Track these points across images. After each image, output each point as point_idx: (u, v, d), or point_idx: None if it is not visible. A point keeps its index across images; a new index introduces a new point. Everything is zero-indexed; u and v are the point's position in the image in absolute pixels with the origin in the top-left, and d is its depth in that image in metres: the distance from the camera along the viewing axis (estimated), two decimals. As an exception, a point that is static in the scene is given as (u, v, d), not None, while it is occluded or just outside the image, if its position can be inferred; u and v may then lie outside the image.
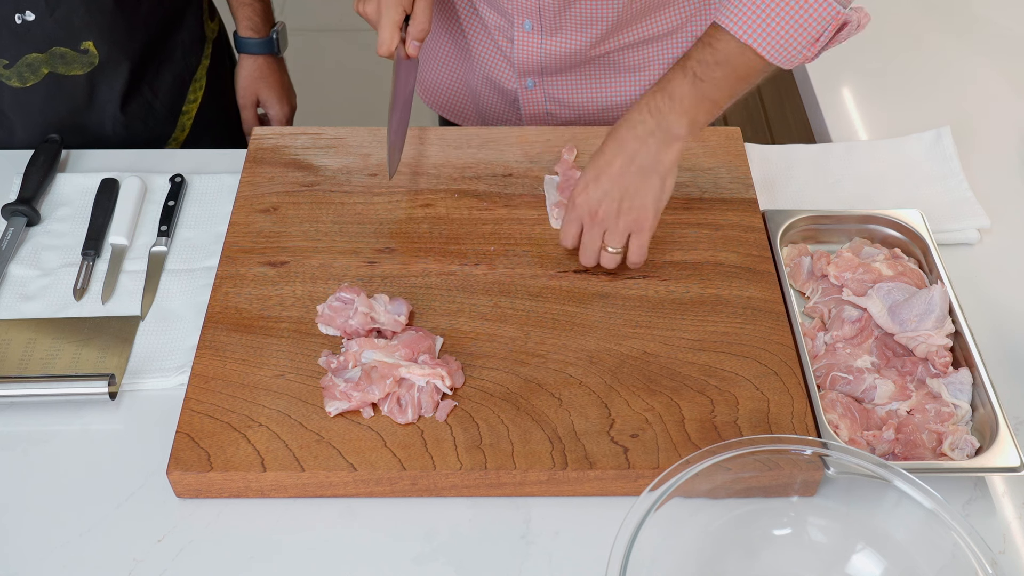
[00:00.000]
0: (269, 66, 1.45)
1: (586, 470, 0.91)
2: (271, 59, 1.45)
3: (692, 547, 0.88)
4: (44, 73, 1.25)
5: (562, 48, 1.24)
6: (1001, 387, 0.98)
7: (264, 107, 1.48)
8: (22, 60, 1.23)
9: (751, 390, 0.98)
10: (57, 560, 0.89)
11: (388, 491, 0.93)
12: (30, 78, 1.24)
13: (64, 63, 1.25)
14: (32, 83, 1.25)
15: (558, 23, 1.21)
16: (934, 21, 1.52)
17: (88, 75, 1.28)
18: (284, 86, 1.49)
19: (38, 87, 1.26)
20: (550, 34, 1.23)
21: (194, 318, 1.07)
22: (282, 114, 1.48)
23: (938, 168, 1.25)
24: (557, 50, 1.24)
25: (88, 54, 1.24)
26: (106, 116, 1.33)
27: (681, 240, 1.12)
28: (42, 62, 1.23)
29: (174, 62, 1.38)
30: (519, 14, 1.21)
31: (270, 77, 1.45)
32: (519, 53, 1.25)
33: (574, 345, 1.02)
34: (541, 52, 1.25)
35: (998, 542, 0.91)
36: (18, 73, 1.23)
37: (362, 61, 2.96)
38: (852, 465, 0.87)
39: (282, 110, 1.48)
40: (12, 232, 1.15)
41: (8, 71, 1.23)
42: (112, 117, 1.33)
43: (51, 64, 1.24)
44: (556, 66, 1.27)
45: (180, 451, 0.92)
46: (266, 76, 1.45)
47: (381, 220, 1.14)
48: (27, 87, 1.26)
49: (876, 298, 1.04)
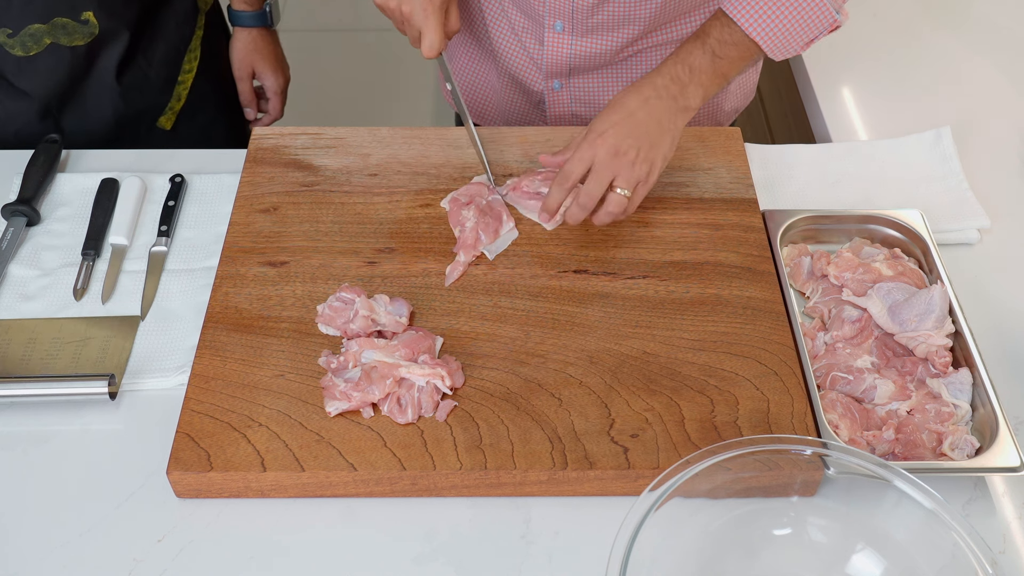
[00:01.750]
0: (263, 38, 1.47)
1: (586, 470, 0.91)
2: (265, 31, 1.47)
3: (692, 547, 0.88)
4: (46, 43, 1.26)
5: (593, 49, 1.24)
6: (1001, 387, 0.98)
7: (259, 79, 1.51)
8: (25, 30, 1.25)
9: (751, 390, 0.98)
10: (57, 560, 0.89)
11: (388, 491, 0.93)
12: (33, 47, 1.26)
13: (66, 33, 1.26)
14: (35, 52, 1.27)
15: (590, 24, 1.21)
16: (934, 21, 1.52)
17: (88, 46, 1.30)
18: (278, 58, 1.51)
19: (40, 56, 1.28)
20: (582, 35, 1.23)
21: (194, 318, 1.07)
22: (277, 85, 1.51)
23: (938, 168, 1.25)
24: (588, 51, 1.24)
25: (88, 24, 1.26)
26: (104, 87, 1.34)
27: (681, 240, 1.12)
28: (44, 32, 1.25)
29: (168, 33, 1.39)
30: (551, 15, 1.21)
31: (264, 49, 1.48)
32: (549, 54, 1.26)
33: (574, 345, 1.02)
34: (571, 53, 1.25)
35: (998, 542, 0.91)
36: (21, 43, 1.25)
37: (362, 61, 2.97)
38: (852, 465, 0.87)
39: (277, 81, 1.51)
40: (12, 232, 1.15)
41: (12, 40, 1.24)
42: (109, 87, 1.35)
43: (53, 34, 1.26)
44: (585, 67, 1.28)
45: (180, 451, 0.92)
46: (260, 48, 1.47)
47: (381, 220, 1.14)
48: (30, 56, 1.27)
49: (876, 298, 1.04)
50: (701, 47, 1.05)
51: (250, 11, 1.45)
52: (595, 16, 1.19)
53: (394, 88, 2.88)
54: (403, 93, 2.87)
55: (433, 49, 1.08)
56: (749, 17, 1.03)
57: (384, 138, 1.23)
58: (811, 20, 1.03)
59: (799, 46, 1.06)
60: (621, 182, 1.03)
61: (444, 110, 2.80)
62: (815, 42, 1.06)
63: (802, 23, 1.03)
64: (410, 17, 1.08)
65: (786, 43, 1.04)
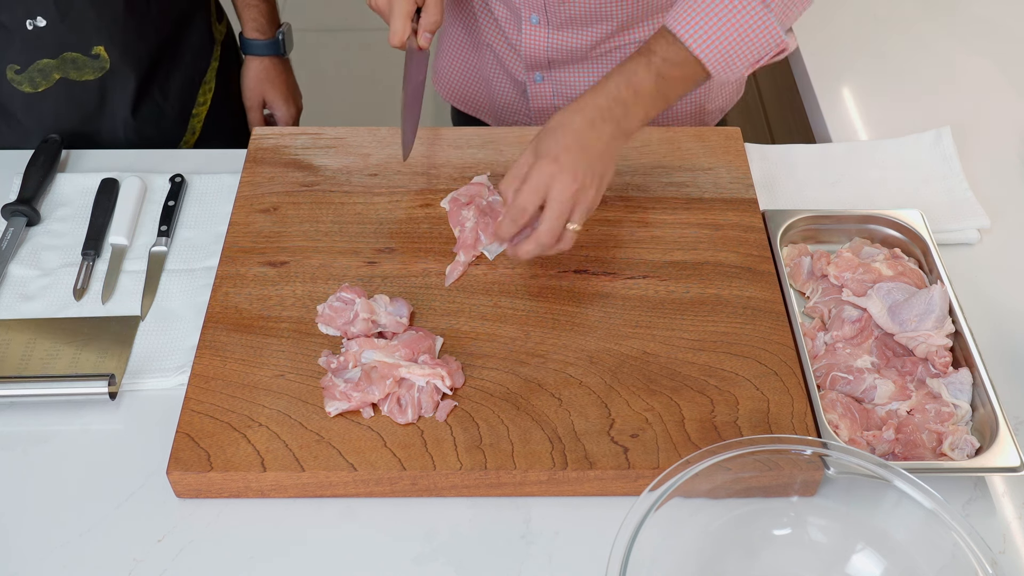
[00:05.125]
0: (275, 67, 1.45)
1: (586, 470, 0.91)
2: (277, 60, 1.45)
3: (692, 547, 0.88)
4: (56, 78, 1.25)
5: (569, 43, 1.25)
6: (1001, 387, 0.98)
7: (270, 108, 1.48)
8: (34, 65, 1.23)
9: (751, 390, 0.98)
10: (57, 560, 0.89)
11: (388, 491, 0.93)
12: (42, 83, 1.25)
13: (75, 68, 1.25)
14: (44, 88, 1.25)
15: (564, 18, 1.21)
16: (935, 21, 1.52)
17: (99, 80, 1.28)
18: (290, 87, 1.49)
19: (50, 92, 1.27)
20: (557, 28, 1.23)
21: (194, 318, 1.07)
22: (288, 115, 1.48)
23: (938, 168, 1.25)
24: (564, 44, 1.25)
25: (99, 59, 1.25)
26: (117, 121, 1.33)
27: (681, 240, 1.12)
28: (53, 67, 1.24)
29: (184, 65, 1.38)
30: (526, 8, 1.22)
31: (276, 78, 1.45)
32: (526, 47, 1.26)
33: (574, 345, 1.02)
34: (548, 46, 1.25)
35: (998, 542, 0.91)
36: (30, 78, 1.24)
37: (362, 61, 2.97)
38: (852, 465, 0.87)
39: (288, 111, 1.48)
40: (12, 232, 1.15)
41: (20, 76, 1.23)
42: (123, 122, 1.33)
43: (63, 69, 1.24)
44: (563, 60, 1.28)
45: (180, 451, 0.92)
46: (272, 77, 1.45)
47: (381, 220, 1.14)
48: (39, 92, 1.26)
49: (876, 298, 1.04)
50: (647, 66, 0.99)
51: (262, 40, 1.42)
52: (567, 10, 1.20)
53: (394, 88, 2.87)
54: (403, 93, 2.86)
55: (395, 37, 1.05)
56: (693, 34, 0.97)
57: (384, 138, 1.23)
58: (756, 37, 0.98)
59: (744, 67, 1.00)
60: (577, 217, 0.97)
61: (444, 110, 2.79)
62: (761, 63, 1.01)
63: (746, 40, 0.98)
64: (378, 6, 1.07)
65: (729, 60, 0.99)
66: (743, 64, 1.00)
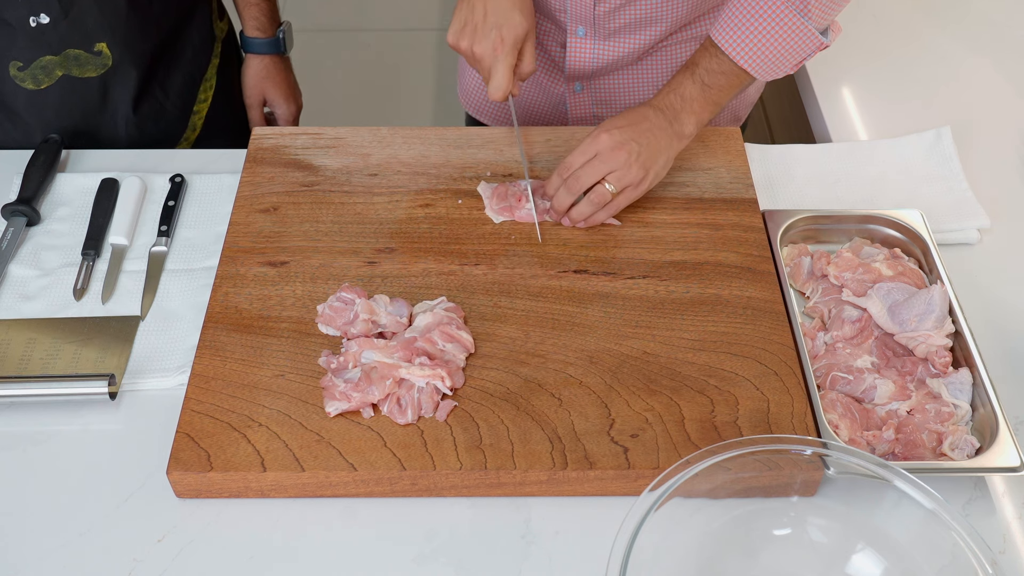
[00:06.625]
0: (275, 65, 1.45)
1: (586, 470, 0.91)
2: (277, 58, 1.46)
3: (692, 547, 0.88)
4: (58, 75, 1.25)
5: (616, 52, 1.25)
6: (1001, 387, 0.98)
7: (271, 106, 1.48)
8: (36, 62, 1.23)
9: (751, 390, 0.98)
10: (57, 560, 0.89)
11: (388, 491, 0.93)
12: (44, 80, 1.25)
13: (78, 65, 1.25)
14: (46, 85, 1.26)
15: (612, 28, 1.21)
16: (935, 21, 1.52)
17: (101, 77, 1.29)
18: (290, 85, 1.49)
19: (52, 89, 1.27)
20: (603, 39, 1.23)
21: (194, 318, 1.07)
22: (289, 113, 1.49)
23: (938, 168, 1.25)
24: (611, 55, 1.25)
25: (101, 56, 1.25)
26: (119, 117, 1.34)
27: (681, 240, 1.12)
28: (56, 64, 1.24)
29: (184, 62, 1.38)
30: (573, 21, 1.21)
31: (276, 76, 1.46)
32: (572, 59, 1.26)
33: (574, 345, 1.02)
34: (594, 57, 1.25)
35: (998, 542, 0.91)
36: (32, 75, 1.24)
37: (362, 61, 2.97)
38: (852, 465, 0.87)
39: (289, 109, 1.49)
40: (12, 232, 1.15)
41: (23, 73, 1.23)
42: (125, 118, 1.34)
43: (65, 66, 1.24)
44: (608, 69, 1.28)
45: (180, 451, 0.92)
46: (272, 75, 1.45)
47: (381, 220, 1.14)
48: (41, 89, 1.26)
49: (876, 298, 1.04)
50: (691, 78, 1.08)
51: (263, 38, 1.42)
52: (616, 20, 1.20)
53: (394, 88, 2.88)
54: (403, 93, 2.87)
55: (499, 92, 1.07)
56: (736, 46, 1.05)
57: (384, 138, 1.23)
58: (797, 45, 1.05)
59: (788, 68, 1.08)
60: (613, 178, 1.06)
61: (444, 110, 2.80)
62: (805, 62, 1.08)
63: (788, 48, 1.05)
64: (481, 59, 1.07)
65: (774, 67, 1.07)
66: (786, 66, 1.08)
